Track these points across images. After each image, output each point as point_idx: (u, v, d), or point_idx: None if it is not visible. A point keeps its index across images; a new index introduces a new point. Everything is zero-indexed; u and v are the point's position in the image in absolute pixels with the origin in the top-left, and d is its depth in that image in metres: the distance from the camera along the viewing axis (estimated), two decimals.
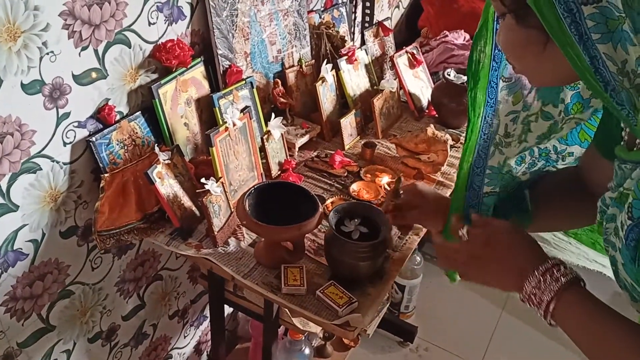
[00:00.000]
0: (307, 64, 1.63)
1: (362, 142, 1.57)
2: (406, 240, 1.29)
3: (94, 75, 1.11)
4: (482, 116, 0.86)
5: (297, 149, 1.52)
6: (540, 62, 0.66)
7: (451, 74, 1.68)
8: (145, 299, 1.47)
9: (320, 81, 1.56)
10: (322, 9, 1.80)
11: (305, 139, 1.53)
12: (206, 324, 1.77)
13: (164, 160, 1.18)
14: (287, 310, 1.33)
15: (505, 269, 0.77)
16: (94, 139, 1.13)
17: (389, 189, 1.35)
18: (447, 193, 1.47)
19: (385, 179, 1.41)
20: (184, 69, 1.28)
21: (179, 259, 1.54)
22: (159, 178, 1.17)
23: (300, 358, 1.59)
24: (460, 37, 2.20)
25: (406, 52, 1.77)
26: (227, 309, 1.84)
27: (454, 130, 1.70)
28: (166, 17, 1.23)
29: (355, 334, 1.08)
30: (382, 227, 1.14)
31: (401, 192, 1.12)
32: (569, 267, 0.73)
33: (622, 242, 0.64)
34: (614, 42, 0.56)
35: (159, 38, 1.23)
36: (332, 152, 1.53)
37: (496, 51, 0.82)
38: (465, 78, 1.68)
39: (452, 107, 1.67)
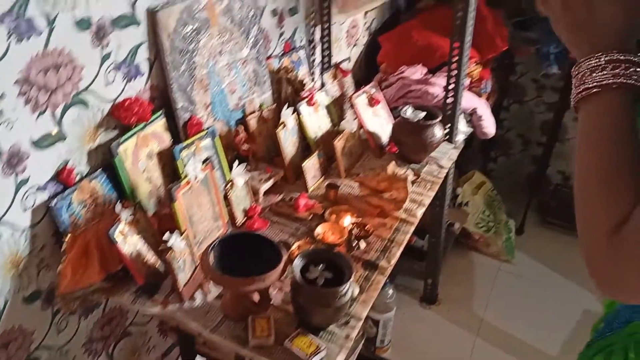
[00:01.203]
0: (268, 109, 1.66)
1: (326, 184, 1.60)
2: (372, 281, 1.31)
3: (52, 138, 1.12)
4: None
5: (261, 194, 1.53)
6: None
7: (408, 112, 1.73)
8: (114, 357, 1.44)
9: (281, 126, 1.59)
10: (281, 53, 1.84)
11: (269, 183, 1.56)
12: None
13: (126, 218, 1.19)
14: None
15: (575, 26, 0.69)
16: (53, 203, 1.13)
17: (353, 229, 1.37)
18: (411, 230, 1.50)
19: (348, 220, 1.43)
20: (144, 124, 1.30)
21: None
22: (122, 236, 1.17)
23: None
24: (417, 71, 2.27)
25: (364, 92, 1.82)
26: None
27: (415, 165, 1.74)
28: (124, 75, 1.25)
29: None
30: (346, 271, 1.16)
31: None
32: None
33: None
34: None
35: (118, 96, 1.25)
36: (297, 194, 1.55)
37: None
38: (422, 115, 1.74)
39: (412, 143, 1.72)
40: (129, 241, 1.18)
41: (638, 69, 0.66)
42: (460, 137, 2.14)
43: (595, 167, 0.67)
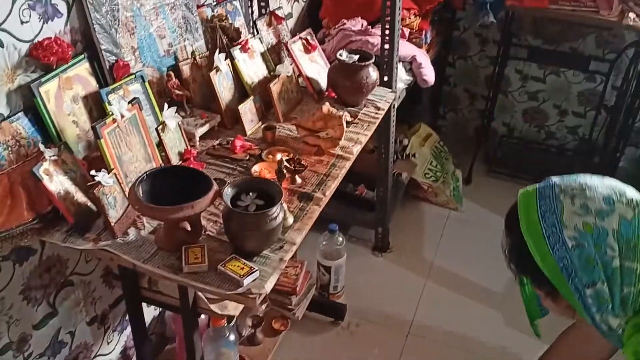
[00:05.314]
0: (201, 55, 1.65)
1: (263, 126, 1.61)
2: (307, 210, 1.34)
3: None
4: None
5: (197, 138, 1.53)
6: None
7: (343, 55, 1.75)
8: (56, 306, 1.43)
9: (215, 71, 1.59)
10: (214, 3, 1.83)
11: (205, 128, 1.55)
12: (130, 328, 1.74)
13: (51, 156, 1.17)
14: (203, 297, 1.35)
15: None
16: None
17: (287, 165, 1.39)
18: (347, 165, 1.53)
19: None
20: (66, 65, 1.27)
21: (90, 263, 1.51)
22: (47, 175, 1.16)
23: (227, 345, 1.60)
24: (357, 23, 2.29)
25: (300, 38, 1.83)
26: (153, 312, 1.82)
27: (352, 108, 1.77)
28: (40, 15, 1.22)
29: (258, 301, 1.11)
30: (276, 197, 1.18)
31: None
32: None
33: None
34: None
35: (35, 36, 1.22)
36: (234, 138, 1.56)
37: None
38: (356, 57, 1.76)
39: (348, 85, 1.74)
40: (55, 180, 1.17)
41: None
42: (400, 85, 2.17)
43: None
